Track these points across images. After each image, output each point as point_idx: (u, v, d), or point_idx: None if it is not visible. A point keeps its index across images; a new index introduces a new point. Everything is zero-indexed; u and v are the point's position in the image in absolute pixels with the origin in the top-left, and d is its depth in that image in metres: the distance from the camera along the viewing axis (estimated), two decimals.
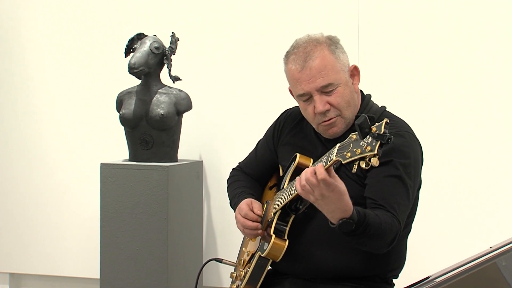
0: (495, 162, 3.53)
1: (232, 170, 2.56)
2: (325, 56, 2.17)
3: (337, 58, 2.18)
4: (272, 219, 2.19)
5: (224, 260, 2.41)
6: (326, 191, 1.89)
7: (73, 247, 4.13)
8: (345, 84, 2.18)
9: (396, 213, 2.07)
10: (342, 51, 2.21)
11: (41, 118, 4.19)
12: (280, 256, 2.15)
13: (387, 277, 2.26)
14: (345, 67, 2.20)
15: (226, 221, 3.86)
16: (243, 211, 2.28)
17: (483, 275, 1.57)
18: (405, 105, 3.53)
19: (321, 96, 2.16)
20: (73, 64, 4.13)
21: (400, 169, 2.11)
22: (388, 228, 2.04)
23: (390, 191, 2.10)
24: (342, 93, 2.17)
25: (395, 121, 2.23)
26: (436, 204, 3.50)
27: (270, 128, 2.45)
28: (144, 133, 3.56)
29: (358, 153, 1.76)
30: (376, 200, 2.09)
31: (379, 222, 2.02)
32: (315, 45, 2.18)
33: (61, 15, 4.15)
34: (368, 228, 1.98)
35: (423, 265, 2.61)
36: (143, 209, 3.48)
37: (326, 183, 1.88)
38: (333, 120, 2.19)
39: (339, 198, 1.92)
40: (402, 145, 2.14)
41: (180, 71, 3.65)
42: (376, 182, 2.11)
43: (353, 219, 1.94)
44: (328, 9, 3.73)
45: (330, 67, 2.16)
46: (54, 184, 4.16)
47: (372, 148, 1.73)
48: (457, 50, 3.58)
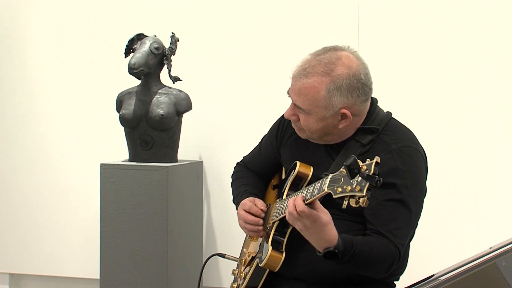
0: (495, 163, 3.53)
1: (236, 165, 2.56)
2: (314, 89, 2.09)
3: (327, 97, 2.08)
4: (270, 228, 2.19)
5: (227, 255, 2.42)
6: (307, 222, 1.92)
7: (73, 247, 4.13)
8: (320, 118, 2.11)
9: (395, 240, 2.06)
10: (343, 94, 2.09)
11: (41, 118, 4.19)
12: (278, 267, 2.15)
13: (388, 281, 2.26)
14: (333, 107, 2.09)
15: (226, 221, 3.87)
16: (246, 206, 2.29)
17: (483, 276, 1.57)
18: (405, 106, 3.53)
19: (295, 107, 2.16)
20: (73, 64, 4.13)
21: (403, 192, 2.09)
22: (381, 256, 2.04)
23: (390, 216, 2.08)
24: (311, 122, 2.13)
25: (400, 132, 2.20)
26: (436, 204, 3.49)
27: (274, 126, 2.43)
28: (144, 133, 3.56)
29: (348, 190, 1.76)
30: (374, 226, 2.08)
31: (369, 250, 2.02)
32: (318, 74, 2.09)
33: (61, 15, 4.15)
34: (355, 256, 1.99)
35: (423, 265, 2.60)
36: (143, 209, 3.48)
37: (305, 215, 1.91)
38: (296, 128, 2.21)
39: (322, 229, 1.94)
40: (405, 164, 2.11)
41: (180, 72, 3.65)
42: (376, 205, 2.07)
43: (338, 248, 1.96)
44: (328, 9, 3.73)
45: (311, 98, 2.10)
46: (54, 184, 4.16)
47: (361, 189, 1.73)
48: (458, 51, 3.57)
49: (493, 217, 3.50)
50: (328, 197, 1.93)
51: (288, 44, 3.77)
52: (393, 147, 2.12)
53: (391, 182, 2.06)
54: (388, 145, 2.13)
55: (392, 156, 2.10)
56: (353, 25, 3.67)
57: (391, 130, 2.19)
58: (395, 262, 2.07)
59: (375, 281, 2.20)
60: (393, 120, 2.25)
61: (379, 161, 1.74)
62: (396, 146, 2.12)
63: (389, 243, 2.05)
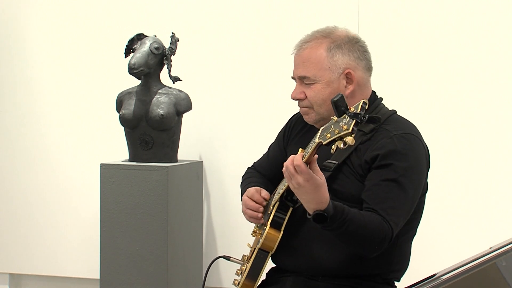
0: (495, 163, 3.53)
1: (247, 168, 2.58)
2: (316, 51, 2.18)
3: (329, 56, 2.17)
4: (271, 211, 2.21)
5: (232, 258, 2.42)
6: (301, 180, 1.94)
7: (73, 248, 4.13)
8: (326, 84, 2.18)
9: (389, 218, 2.07)
10: (345, 53, 2.19)
11: (41, 119, 4.19)
12: (275, 247, 2.17)
13: (388, 277, 2.26)
14: (336, 68, 2.18)
15: (226, 221, 3.87)
16: (249, 193, 2.31)
17: (483, 276, 1.57)
18: (404, 105, 3.51)
19: (301, 85, 2.21)
20: (73, 64, 4.13)
21: (399, 172, 2.10)
22: (373, 229, 2.04)
23: (386, 195, 2.09)
24: (319, 90, 2.18)
25: (402, 123, 2.23)
26: (436, 204, 3.50)
27: (281, 130, 2.48)
28: (144, 133, 3.56)
29: (336, 133, 1.79)
30: (369, 204, 2.10)
31: (363, 221, 2.03)
32: (317, 38, 2.20)
33: (61, 15, 4.15)
34: (345, 224, 2.00)
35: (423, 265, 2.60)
36: (143, 209, 3.48)
37: (300, 171, 1.93)
38: (304, 110, 2.24)
39: (314, 190, 1.95)
40: (404, 148, 2.13)
41: (180, 72, 3.65)
42: (372, 185, 2.11)
43: (328, 212, 1.97)
44: (328, 9, 3.73)
45: (315, 61, 2.17)
46: (54, 184, 4.16)
47: (348, 127, 1.75)
48: (458, 51, 3.57)
49: (493, 217, 3.50)
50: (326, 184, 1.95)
51: (288, 44, 3.74)
52: (394, 133, 2.16)
53: (388, 163, 2.10)
54: (389, 132, 2.16)
55: (392, 141, 2.14)
56: (353, 25, 3.67)
57: (393, 121, 2.23)
58: (386, 238, 2.07)
59: (374, 277, 2.21)
60: (397, 115, 2.28)
61: (366, 102, 1.77)
62: (397, 133, 2.16)
63: (382, 220, 2.06)
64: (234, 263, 2.43)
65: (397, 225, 2.10)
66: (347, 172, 2.15)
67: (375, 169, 2.12)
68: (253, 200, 2.29)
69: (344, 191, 2.16)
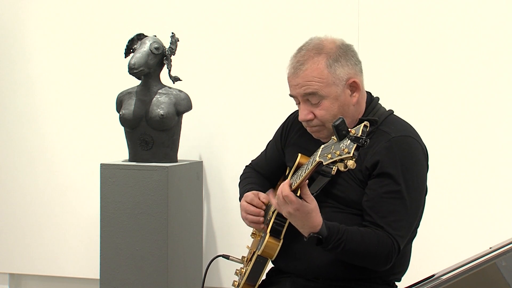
0: (495, 163, 3.53)
1: (245, 167, 2.58)
2: (317, 68, 2.14)
3: (331, 72, 2.15)
4: (270, 218, 2.20)
5: (231, 257, 2.42)
6: (291, 209, 1.99)
7: (73, 247, 4.13)
8: (335, 98, 2.15)
9: (393, 232, 2.08)
10: (344, 64, 2.16)
11: (41, 119, 4.19)
12: (275, 255, 2.17)
13: (389, 279, 2.26)
14: (340, 81, 2.15)
15: (226, 221, 3.87)
16: (248, 198, 2.31)
17: (483, 276, 1.57)
18: (404, 105, 3.52)
19: (306, 104, 2.18)
20: (73, 64, 4.13)
21: (402, 184, 2.10)
22: (375, 246, 2.06)
23: (388, 209, 2.10)
24: (328, 107, 2.16)
25: (400, 125, 2.22)
26: (436, 204, 3.50)
27: (279, 129, 2.46)
28: (144, 133, 3.56)
29: (337, 155, 1.77)
30: (373, 218, 2.10)
31: (362, 239, 2.05)
32: (312, 56, 2.16)
33: (61, 15, 4.15)
34: (342, 243, 2.04)
35: (423, 265, 2.60)
36: (143, 209, 3.48)
37: (289, 201, 1.98)
38: (315, 129, 2.21)
39: (306, 217, 2.00)
40: (404, 154, 2.13)
41: (180, 72, 3.65)
42: (375, 197, 2.11)
43: (322, 234, 2.02)
44: (328, 9, 3.73)
45: (318, 79, 2.14)
46: (54, 184, 4.16)
47: (349, 150, 1.74)
48: (458, 51, 3.57)
49: (493, 217, 3.50)
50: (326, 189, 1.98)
51: (288, 44, 3.74)
52: (393, 135, 2.15)
53: (389, 172, 2.10)
54: (388, 134, 2.16)
55: (391, 145, 2.13)
56: (353, 25, 3.67)
57: (391, 122, 2.22)
58: (392, 253, 2.08)
59: (375, 279, 2.21)
60: (394, 116, 2.28)
61: (367, 125, 1.76)
62: (396, 135, 2.15)
63: (386, 235, 2.07)
64: (233, 263, 2.44)
65: (403, 237, 2.12)
66: (347, 177, 2.15)
67: (376, 177, 2.12)
68: (253, 205, 2.29)
69: (344, 196, 2.16)
